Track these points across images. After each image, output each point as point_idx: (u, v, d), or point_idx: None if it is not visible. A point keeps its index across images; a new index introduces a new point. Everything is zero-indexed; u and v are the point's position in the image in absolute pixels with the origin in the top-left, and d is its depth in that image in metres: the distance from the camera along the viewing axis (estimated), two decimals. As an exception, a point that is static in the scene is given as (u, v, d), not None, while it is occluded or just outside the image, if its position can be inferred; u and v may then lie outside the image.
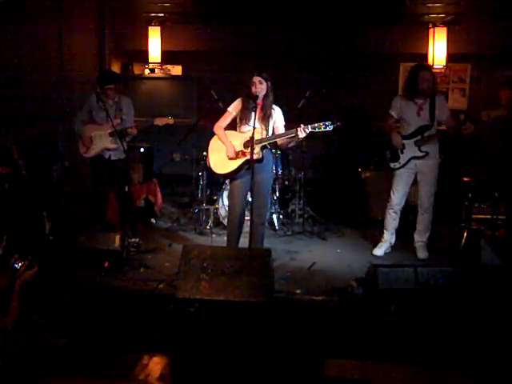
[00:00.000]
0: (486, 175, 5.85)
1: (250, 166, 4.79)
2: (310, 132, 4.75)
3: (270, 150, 5.18)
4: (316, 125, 4.74)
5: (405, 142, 5.40)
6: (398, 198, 5.51)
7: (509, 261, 4.88)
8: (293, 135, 4.82)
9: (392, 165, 5.49)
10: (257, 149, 4.84)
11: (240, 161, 4.96)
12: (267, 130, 4.99)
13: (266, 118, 4.97)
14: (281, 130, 5.05)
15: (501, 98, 5.98)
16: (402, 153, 5.42)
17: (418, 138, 5.35)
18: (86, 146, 5.80)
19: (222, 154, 5.05)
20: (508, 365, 3.55)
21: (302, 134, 4.74)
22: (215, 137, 5.15)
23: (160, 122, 5.70)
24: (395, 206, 5.53)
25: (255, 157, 4.83)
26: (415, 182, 5.51)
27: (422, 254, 5.51)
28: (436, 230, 5.95)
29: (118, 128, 5.61)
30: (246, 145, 4.92)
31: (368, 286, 4.42)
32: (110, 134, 5.71)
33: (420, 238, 5.55)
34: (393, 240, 5.67)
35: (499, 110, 5.14)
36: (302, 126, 4.74)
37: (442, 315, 4.01)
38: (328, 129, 4.74)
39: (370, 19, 7.25)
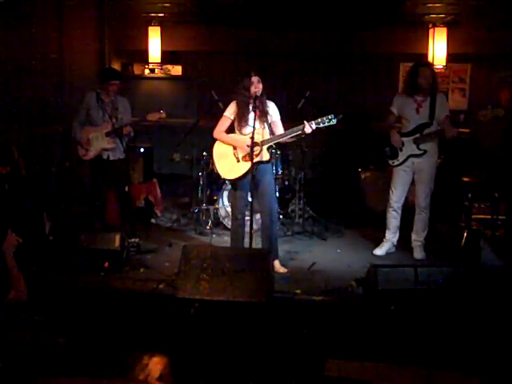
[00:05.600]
0: (486, 175, 5.84)
1: (257, 166, 4.84)
2: (316, 128, 4.80)
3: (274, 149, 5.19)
4: (320, 120, 4.80)
5: (404, 139, 5.39)
6: (396, 195, 5.51)
7: (509, 261, 4.88)
8: (299, 132, 4.85)
9: (390, 162, 5.50)
10: (264, 149, 4.90)
11: (248, 164, 4.92)
12: (267, 129, 5.01)
13: (263, 116, 4.99)
14: (278, 124, 5.08)
15: (501, 98, 5.97)
16: (401, 150, 5.42)
17: (417, 135, 5.35)
18: (85, 148, 5.79)
19: (229, 158, 5.04)
20: (509, 364, 3.55)
21: (308, 131, 4.80)
22: (217, 142, 5.13)
23: (152, 117, 5.67)
24: (394, 204, 5.53)
25: (264, 158, 4.92)
26: (413, 181, 5.51)
27: (418, 254, 5.50)
28: (436, 229, 5.95)
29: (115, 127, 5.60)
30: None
31: (368, 285, 4.42)
32: (107, 134, 5.70)
33: (417, 238, 5.53)
34: (395, 240, 5.64)
35: (498, 110, 5.12)
36: (305, 122, 4.78)
37: (442, 315, 4.01)
38: (332, 122, 4.79)
39: (370, 19, 7.24)
